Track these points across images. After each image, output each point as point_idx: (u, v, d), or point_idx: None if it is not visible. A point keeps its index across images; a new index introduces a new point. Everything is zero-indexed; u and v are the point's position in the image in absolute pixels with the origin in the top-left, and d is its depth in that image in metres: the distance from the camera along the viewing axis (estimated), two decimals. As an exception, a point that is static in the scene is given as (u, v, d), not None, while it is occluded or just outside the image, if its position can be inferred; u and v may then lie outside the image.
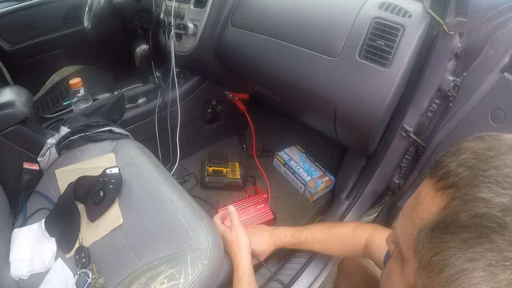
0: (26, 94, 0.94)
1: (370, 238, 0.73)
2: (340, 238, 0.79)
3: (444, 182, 0.29)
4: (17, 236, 0.76)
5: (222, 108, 1.44)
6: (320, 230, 0.80)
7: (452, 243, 0.26)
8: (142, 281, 0.61)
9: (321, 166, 1.33)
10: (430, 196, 0.30)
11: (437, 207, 0.28)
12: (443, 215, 0.27)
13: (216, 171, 1.27)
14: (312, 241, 0.80)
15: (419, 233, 0.29)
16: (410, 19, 0.73)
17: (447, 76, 0.78)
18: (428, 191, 0.30)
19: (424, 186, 0.32)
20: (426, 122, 0.86)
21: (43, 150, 0.92)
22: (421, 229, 0.29)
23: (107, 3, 1.24)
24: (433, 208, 0.29)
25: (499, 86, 0.68)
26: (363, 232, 0.75)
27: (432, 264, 0.27)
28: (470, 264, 0.24)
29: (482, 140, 0.31)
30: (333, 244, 0.79)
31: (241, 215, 1.03)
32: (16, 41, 1.46)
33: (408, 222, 0.32)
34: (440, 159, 0.31)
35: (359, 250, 0.74)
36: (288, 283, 0.84)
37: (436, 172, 0.30)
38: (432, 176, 0.31)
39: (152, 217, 0.74)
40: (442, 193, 0.28)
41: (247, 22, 1.00)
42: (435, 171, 0.31)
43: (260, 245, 0.82)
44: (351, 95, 0.78)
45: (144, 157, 0.87)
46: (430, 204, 0.29)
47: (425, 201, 0.30)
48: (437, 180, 0.29)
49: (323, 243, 0.80)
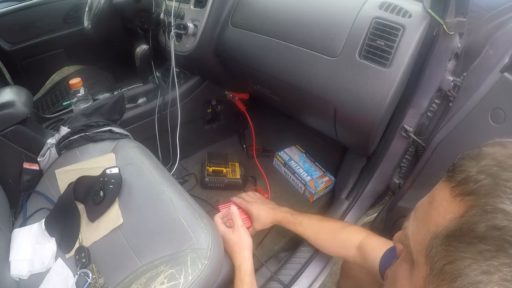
0: (26, 94, 0.94)
1: (364, 241, 0.73)
2: (333, 230, 0.82)
3: (462, 188, 0.27)
4: (17, 236, 0.76)
5: (222, 108, 1.44)
6: (317, 219, 0.86)
7: (468, 253, 0.25)
8: (142, 281, 0.61)
9: (321, 166, 1.33)
10: (447, 201, 0.29)
11: (454, 214, 0.27)
12: (460, 223, 0.26)
13: (216, 171, 1.27)
14: (307, 225, 0.84)
15: (433, 239, 0.28)
16: (410, 19, 0.73)
17: (447, 76, 0.78)
18: (445, 195, 0.29)
19: (439, 189, 0.31)
20: (426, 122, 0.86)
21: (43, 150, 0.92)
22: (435, 235, 0.28)
23: (107, 3, 1.24)
24: (449, 214, 0.28)
25: (499, 86, 0.68)
26: (357, 233, 0.77)
27: (445, 273, 0.26)
28: (484, 276, 0.24)
29: (503, 146, 0.29)
30: (325, 234, 0.82)
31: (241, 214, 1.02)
32: (16, 41, 1.46)
33: (420, 225, 0.31)
34: (459, 162, 0.30)
35: (351, 249, 0.75)
36: (288, 283, 0.84)
37: (454, 176, 0.29)
38: (450, 180, 0.29)
39: (152, 217, 0.74)
40: (460, 199, 0.27)
41: (247, 22, 1.00)
42: (453, 174, 0.29)
43: (262, 214, 0.90)
44: (351, 95, 0.78)
45: (144, 157, 0.87)
46: (446, 210, 0.28)
47: (441, 206, 0.29)
48: (455, 185, 0.28)
49: (316, 232, 0.83)
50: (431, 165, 0.81)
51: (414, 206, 0.34)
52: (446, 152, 0.77)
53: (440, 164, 0.81)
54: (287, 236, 1.12)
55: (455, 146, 0.75)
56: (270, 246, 1.09)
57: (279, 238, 1.12)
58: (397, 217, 0.90)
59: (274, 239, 1.11)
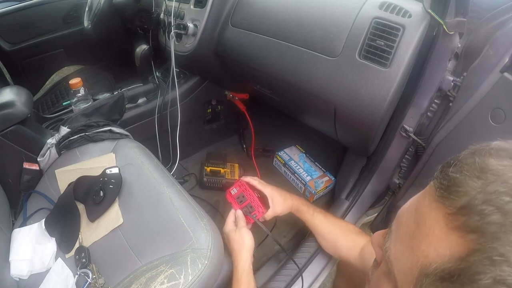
0: (26, 94, 0.94)
1: (365, 245, 0.74)
2: (347, 229, 0.82)
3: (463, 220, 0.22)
4: (17, 236, 0.76)
5: (222, 108, 1.44)
6: (332, 216, 0.86)
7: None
8: (142, 281, 0.61)
9: (321, 166, 1.33)
10: (441, 231, 0.23)
11: (450, 251, 0.22)
12: (459, 268, 0.21)
13: (214, 171, 1.26)
14: (323, 218, 0.84)
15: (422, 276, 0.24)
16: (410, 19, 0.73)
17: (447, 76, 0.78)
18: (438, 221, 0.24)
19: (430, 209, 0.25)
20: (426, 122, 0.86)
21: (43, 150, 0.92)
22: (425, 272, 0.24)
23: (107, 3, 1.24)
24: (444, 250, 0.23)
25: (499, 86, 0.68)
26: (363, 238, 0.77)
27: None
28: None
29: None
30: (339, 230, 0.82)
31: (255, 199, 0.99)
32: (16, 41, 1.46)
33: (405, 250, 0.26)
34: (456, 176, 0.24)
35: (355, 252, 0.75)
36: (288, 282, 0.84)
37: (450, 198, 0.23)
38: (444, 202, 0.24)
39: (152, 217, 0.74)
40: (459, 235, 0.22)
41: (247, 22, 1.00)
42: (449, 195, 0.24)
43: (282, 195, 0.89)
44: (351, 95, 0.78)
45: (144, 157, 0.87)
46: (440, 243, 0.23)
47: (432, 234, 0.24)
48: (452, 212, 0.23)
49: (331, 227, 0.83)
50: (431, 165, 0.81)
51: None
52: (446, 152, 0.77)
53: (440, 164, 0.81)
54: (287, 236, 1.13)
55: (455, 146, 0.75)
56: (270, 246, 1.09)
57: (279, 238, 1.12)
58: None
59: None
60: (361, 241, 0.76)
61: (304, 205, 0.88)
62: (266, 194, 0.90)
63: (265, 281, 0.86)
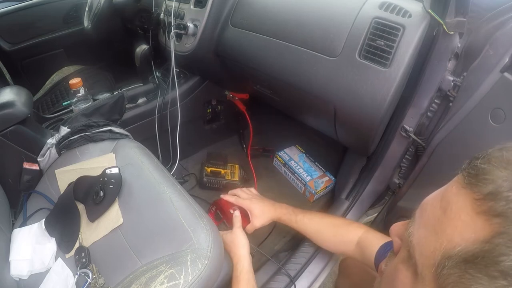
0: (26, 94, 0.94)
1: (364, 236, 0.75)
2: (334, 226, 0.82)
3: (490, 205, 0.23)
4: (17, 236, 0.76)
5: (222, 108, 1.44)
6: (318, 215, 0.86)
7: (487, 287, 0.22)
8: (142, 281, 0.61)
9: (321, 166, 1.33)
10: (467, 215, 0.24)
11: (475, 235, 0.23)
12: (483, 250, 0.22)
13: (215, 172, 1.26)
14: (308, 222, 0.84)
15: (445, 258, 0.25)
16: (410, 19, 0.73)
17: (447, 76, 0.78)
18: (464, 206, 0.25)
19: (457, 196, 0.26)
20: (426, 122, 0.86)
21: (43, 150, 0.92)
22: (448, 254, 0.25)
23: (107, 3, 1.24)
24: (469, 233, 0.24)
25: (499, 86, 0.68)
26: (357, 228, 0.78)
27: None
28: None
29: None
30: (326, 230, 0.82)
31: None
32: (16, 41, 1.46)
33: (430, 235, 0.27)
34: (485, 167, 0.25)
35: (350, 245, 0.75)
36: (288, 282, 0.84)
37: (478, 185, 0.25)
38: (472, 189, 0.25)
39: (152, 217, 0.74)
40: (485, 218, 0.23)
41: (247, 22, 1.00)
42: (477, 182, 0.25)
43: (262, 211, 0.88)
44: (351, 95, 0.78)
45: (144, 157, 0.87)
46: (465, 226, 0.24)
47: (459, 219, 0.25)
48: (480, 198, 0.24)
49: (317, 228, 0.83)
50: (431, 165, 0.81)
51: (414, 206, 0.32)
52: (446, 152, 0.77)
53: (440, 164, 0.81)
54: (287, 236, 1.12)
55: (455, 146, 0.75)
56: (270, 246, 1.09)
57: (279, 238, 1.12)
58: (397, 217, 0.90)
59: (274, 239, 1.11)
60: (353, 233, 0.76)
61: (286, 214, 0.87)
62: (245, 208, 0.90)
63: (266, 280, 0.86)
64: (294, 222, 0.86)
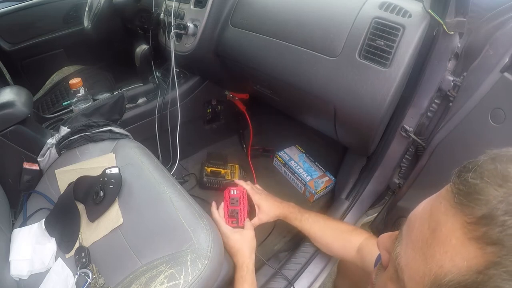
0: (26, 94, 0.94)
1: (364, 243, 0.75)
2: (338, 229, 0.82)
3: (483, 231, 0.21)
4: (17, 236, 0.76)
5: (222, 108, 1.44)
6: (323, 218, 0.86)
7: None
8: (142, 281, 0.61)
9: (321, 166, 1.33)
10: (458, 240, 0.22)
11: (468, 263, 0.21)
12: (477, 281, 0.21)
13: (215, 172, 1.26)
14: (313, 222, 0.84)
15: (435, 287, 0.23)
16: (410, 19, 0.73)
17: (447, 76, 0.78)
18: (455, 229, 0.23)
19: (446, 216, 0.24)
20: (426, 122, 0.86)
21: (43, 150, 0.92)
22: (438, 283, 0.23)
23: (107, 3, 1.24)
24: (460, 261, 0.22)
25: (499, 86, 0.68)
26: (359, 235, 0.78)
27: None
28: None
29: None
30: (330, 232, 0.82)
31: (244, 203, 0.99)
32: (16, 41, 1.46)
33: (418, 258, 0.25)
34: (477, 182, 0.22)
35: (352, 251, 0.75)
36: (286, 285, 0.84)
37: (469, 206, 0.22)
38: (463, 210, 0.22)
39: (152, 217, 0.74)
40: (478, 246, 0.21)
41: (247, 22, 1.00)
42: (468, 202, 0.22)
43: (269, 206, 0.90)
44: (351, 95, 0.78)
45: (144, 157, 0.87)
46: (456, 253, 0.22)
47: (448, 243, 0.23)
48: (471, 222, 0.22)
49: (321, 230, 0.83)
50: (431, 165, 0.81)
51: (414, 206, 0.30)
52: (446, 152, 0.77)
53: (440, 164, 0.81)
54: (287, 236, 1.12)
55: (455, 146, 0.75)
56: (270, 246, 1.09)
57: (279, 239, 1.12)
58: (397, 217, 0.90)
59: (274, 239, 1.11)
60: (355, 240, 0.76)
61: (292, 213, 0.88)
62: (254, 201, 0.92)
63: (266, 280, 0.86)
64: (299, 221, 0.86)
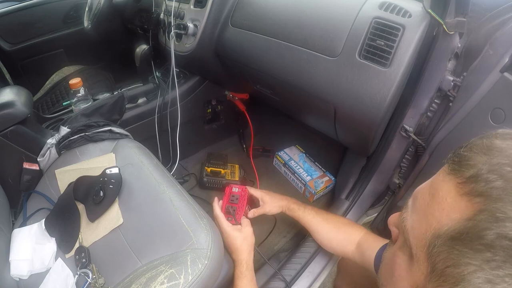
0: (26, 94, 0.94)
1: (364, 238, 0.75)
2: (339, 221, 0.85)
3: (471, 187, 0.26)
4: (17, 236, 0.76)
5: (222, 108, 1.44)
6: (324, 212, 0.89)
7: (473, 260, 0.24)
8: (142, 281, 0.61)
9: (321, 166, 1.33)
10: (452, 198, 0.27)
11: (460, 214, 0.26)
12: (467, 227, 0.25)
13: (215, 172, 1.26)
14: (315, 214, 0.86)
15: (435, 237, 0.27)
16: (410, 19, 0.73)
17: (447, 76, 0.78)
18: (449, 190, 0.27)
19: (443, 182, 0.29)
20: (426, 122, 0.86)
21: (43, 150, 0.92)
22: (437, 233, 0.27)
23: (107, 3, 1.24)
24: (455, 214, 0.26)
25: (499, 86, 0.68)
26: (358, 230, 0.79)
27: (447, 275, 0.26)
28: (488, 285, 0.23)
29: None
30: (330, 224, 0.84)
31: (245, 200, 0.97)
32: (16, 41, 1.46)
33: (421, 219, 0.30)
34: (466, 154, 0.28)
35: (351, 246, 0.76)
36: (288, 282, 0.84)
37: (460, 170, 0.27)
38: (455, 174, 0.28)
39: (152, 217, 0.74)
40: (467, 199, 0.26)
41: (247, 22, 1.00)
42: (460, 168, 0.27)
43: (271, 197, 0.93)
44: (351, 95, 0.78)
45: (144, 157, 0.87)
46: (451, 208, 0.27)
47: (445, 202, 0.27)
48: (462, 182, 0.27)
49: (322, 222, 0.85)
50: (431, 165, 0.81)
51: None
52: (447, 152, 0.77)
53: (440, 164, 0.81)
54: (287, 236, 1.13)
55: (455, 146, 0.75)
56: (270, 246, 1.09)
57: (279, 238, 1.12)
58: (397, 217, 0.90)
59: (274, 239, 1.11)
60: (356, 234, 0.77)
61: (295, 204, 0.91)
62: (257, 196, 0.94)
63: (266, 280, 0.86)
64: (301, 212, 0.88)
